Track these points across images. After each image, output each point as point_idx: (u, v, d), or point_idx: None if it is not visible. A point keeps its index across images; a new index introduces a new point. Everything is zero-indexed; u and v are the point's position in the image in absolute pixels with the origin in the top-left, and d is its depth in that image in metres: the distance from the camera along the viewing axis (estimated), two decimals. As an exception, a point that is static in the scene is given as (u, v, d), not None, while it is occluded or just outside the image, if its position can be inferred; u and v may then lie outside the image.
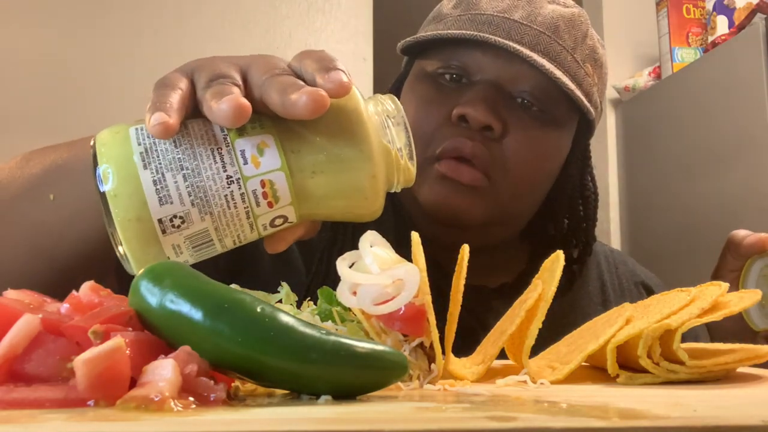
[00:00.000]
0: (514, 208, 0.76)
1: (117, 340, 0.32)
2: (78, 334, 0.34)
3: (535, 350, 0.55)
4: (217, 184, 0.41)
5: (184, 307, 0.34)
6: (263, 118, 0.43)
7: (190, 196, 0.40)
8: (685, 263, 2.10)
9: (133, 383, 0.32)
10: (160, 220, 0.40)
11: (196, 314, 0.34)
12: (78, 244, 0.51)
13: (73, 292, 0.39)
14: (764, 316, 0.64)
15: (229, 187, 0.41)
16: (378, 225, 0.75)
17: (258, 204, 0.42)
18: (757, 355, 0.44)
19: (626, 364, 0.46)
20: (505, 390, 0.42)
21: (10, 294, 0.40)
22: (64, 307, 0.38)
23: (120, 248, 0.42)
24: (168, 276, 0.37)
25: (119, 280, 0.63)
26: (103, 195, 0.41)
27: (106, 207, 0.41)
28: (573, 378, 0.46)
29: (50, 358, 0.33)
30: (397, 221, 0.78)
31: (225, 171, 0.41)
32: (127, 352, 0.32)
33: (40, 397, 0.31)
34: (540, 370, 0.49)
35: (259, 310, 0.34)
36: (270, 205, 0.42)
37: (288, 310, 0.41)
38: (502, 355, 0.51)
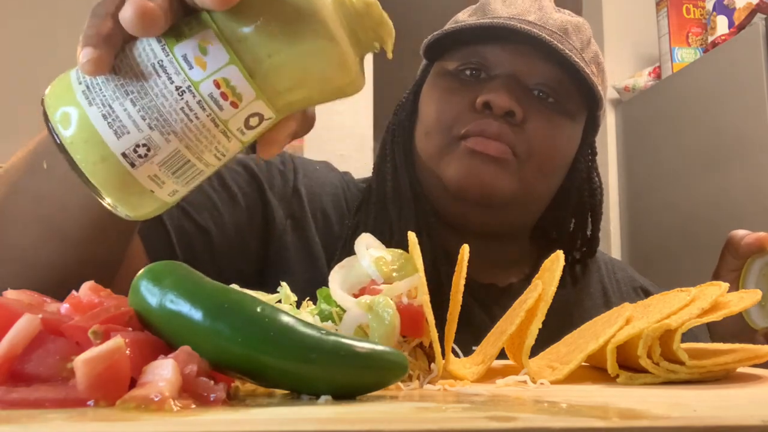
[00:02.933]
0: (536, 189, 0.79)
1: (117, 340, 0.32)
2: (78, 334, 0.34)
3: (536, 351, 0.56)
4: (168, 99, 0.37)
5: (184, 307, 0.34)
6: (202, 16, 0.38)
7: (144, 120, 0.37)
8: (685, 263, 2.10)
9: (133, 383, 0.32)
10: (124, 154, 0.38)
11: (196, 314, 0.34)
12: (82, 212, 0.51)
13: (73, 292, 0.40)
14: (764, 316, 0.64)
15: (182, 99, 0.37)
16: (399, 212, 0.78)
17: (220, 107, 0.38)
18: (757, 355, 0.44)
19: (626, 364, 0.46)
20: (505, 390, 0.42)
21: (10, 294, 0.40)
22: (64, 307, 0.38)
23: (104, 199, 0.39)
24: (168, 276, 0.37)
25: (147, 249, 0.64)
26: (60, 146, 0.38)
27: (68, 158, 0.38)
28: (573, 378, 0.46)
29: (50, 358, 0.33)
30: (417, 207, 0.79)
31: (172, 82, 0.37)
32: (127, 352, 0.32)
33: (40, 397, 0.31)
34: (540, 370, 0.49)
35: (259, 310, 0.34)
36: (234, 105, 0.38)
37: (287, 310, 0.41)
38: (502, 355, 0.51)
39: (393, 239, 0.76)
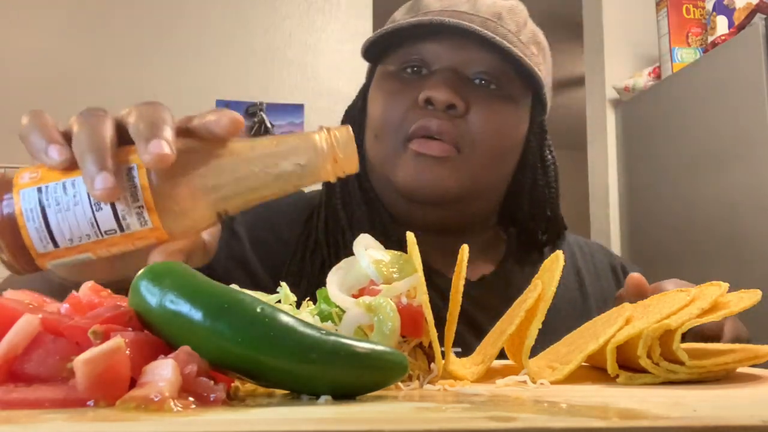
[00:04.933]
0: (485, 180, 0.81)
1: (117, 340, 0.32)
2: (78, 334, 0.34)
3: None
4: None
5: (184, 307, 0.34)
6: None
7: None
8: (685, 263, 2.10)
9: (133, 383, 0.32)
10: None
11: (196, 314, 0.34)
12: None
13: (73, 292, 0.40)
14: None
15: None
16: (350, 216, 0.80)
17: None
18: (757, 355, 0.45)
19: (626, 364, 0.46)
20: (505, 390, 0.42)
21: (10, 294, 0.40)
22: (64, 307, 0.38)
23: None
24: (168, 276, 0.37)
25: None
26: None
27: None
28: (573, 378, 0.46)
29: (50, 358, 0.33)
30: (370, 209, 0.81)
31: None
32: (127, 352, 0.32)
33: (40, 397, 0.31)
34: (540, 370, 0.49)
35: (259, 310, 0.34)
36: None
37: (287, 310, 0.41)
38: (502, 355, 0.51)
39: (346, 242, 0.77)
